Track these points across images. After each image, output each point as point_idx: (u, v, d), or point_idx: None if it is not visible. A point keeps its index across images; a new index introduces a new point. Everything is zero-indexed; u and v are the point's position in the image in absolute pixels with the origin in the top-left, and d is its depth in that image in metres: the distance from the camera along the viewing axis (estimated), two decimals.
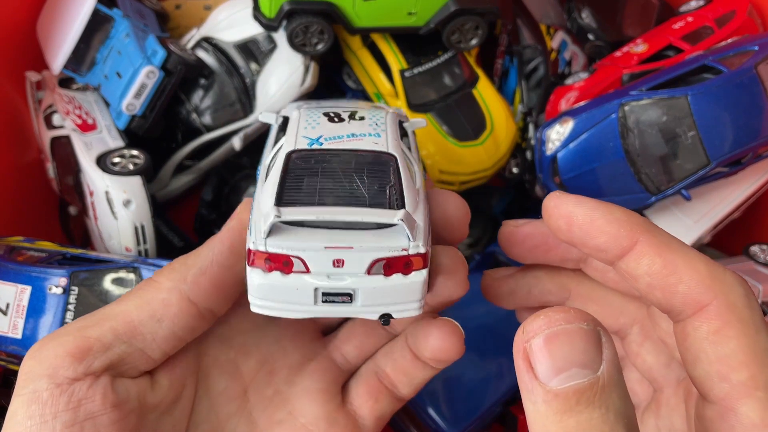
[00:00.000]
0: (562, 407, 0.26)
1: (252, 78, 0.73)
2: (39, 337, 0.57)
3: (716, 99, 0.62)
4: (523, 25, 0.82)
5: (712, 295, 0.31)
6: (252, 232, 0.33)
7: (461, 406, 0.70)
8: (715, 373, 0.30)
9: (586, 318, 0.27)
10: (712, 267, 0.32)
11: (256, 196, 0.36)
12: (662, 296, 0.32)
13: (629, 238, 0.33)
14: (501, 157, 0.76)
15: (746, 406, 0.29)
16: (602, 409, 0.26)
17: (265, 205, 0.33)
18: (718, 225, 0.71)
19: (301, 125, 0.39)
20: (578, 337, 0.27)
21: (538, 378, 0.27)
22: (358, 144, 0.37)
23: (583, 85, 0.76)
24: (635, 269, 0.33)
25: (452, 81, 0.76)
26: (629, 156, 0.66)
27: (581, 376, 0.26)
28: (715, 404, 0.30)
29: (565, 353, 0.26)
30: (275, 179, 0.35)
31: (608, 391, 0.26)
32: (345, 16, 0.69)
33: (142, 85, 0.68)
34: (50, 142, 0.72)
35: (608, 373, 0.27)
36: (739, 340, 0.30)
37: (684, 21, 0.78)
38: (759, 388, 0.29)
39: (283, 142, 0.38)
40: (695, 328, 0.31)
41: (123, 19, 0.70)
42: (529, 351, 0.27)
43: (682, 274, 0.32)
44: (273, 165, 0.37)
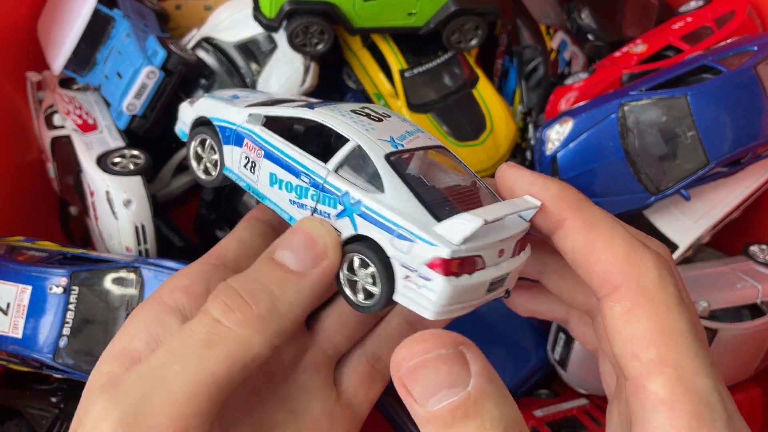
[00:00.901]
0: (441, 424, 0.28)
1: (252, 78, 0.73)
2: (39, 336, 0.57)
3: (716, 99, 0.62)
4: (523, 26, 0.82)
5: (623, 276, 0.33)
6: (423, 242, 0.32)
7: None
8: (628, 352, 0.32)
9: (445, 343, 0.29)
10: (631, 248, 0.33)
11: (379, 203, 0.34)
12: (584, 275, 0.34)
13: (559, 214, 0.35)
14: (501, 157, 0.76)
15: (655, 384, 0.31)
16: (477, 419, 0.28)
17: (425, 216, 0.33)
18: (717, 225, 0.71)
19: (356, 126, 0.37)
20: (440, 362, 0.29)
21: (417, 402, 0.29)
22: (423, 142, 0.39)
23: (583, 86, 0.76)
24: (562, 246, 0.35)
25: (452, 81, 0.77)
26: (629, 156, 0.66)
27: (452, 395, 0.28)
28: (629, 382, 0.32)
29: (431, 379, 0.29)
30: (399, 188, 0.34)
31: (481, 402, 0.28)
32: (345, 17, 0.69)
33: (142, 85, 0.68)
34: (51, 142, 0.73)
35: (478, 386, 0.28)
36: (648, 319, 0.32)
37: (683, 21, 0.78)
38: (667, 365, 0.31)
39: (352, 140, 0.36)
40: (609, 308, 0.33)
41: (123, 19, 0.70)
42: (403, 380, 0.29)
43: (600, 254, 0.33)
44: (365, 170, 0.36)
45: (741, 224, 0.75)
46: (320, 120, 0.38)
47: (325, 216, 0.37)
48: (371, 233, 0.34)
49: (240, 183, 0.42)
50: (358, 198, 0.35)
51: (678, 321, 0.32)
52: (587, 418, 0.68)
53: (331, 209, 0.36)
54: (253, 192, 0.41)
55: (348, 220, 0.36)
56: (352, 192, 0.35)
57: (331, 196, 0.36)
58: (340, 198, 0.36)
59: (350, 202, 0.35)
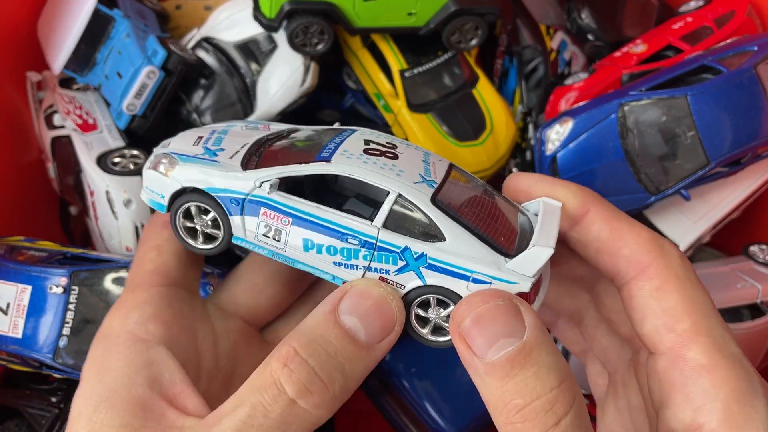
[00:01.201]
0: (499, 374, 0.30)
1: (252, 78, 0.73)
2: (39, 336, 0.57)
3: (716, 99, 0.62)
4: (523, 26, 0.82)
5: (652, 256, 0.35)
6: (503, 282, 0.33)
7: (461, 405, 0.70)
8: (662, 325, 0.34)
9: (500, 295, 0.32)
10: (653, 235, 0.36)
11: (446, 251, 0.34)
12: (609, 260, 0.37)
13: (582, 207, 0.37)
14: (501, 157, 0.76)
15: (693, 351, 0.33)
16: (534, 367, 0.30)
17: (493, 255, 0.34)
18: (717, 225, 0.71)
19: (385, 172, 0.36)
20: (497, 312, 0.31)
21: (476, 354, 0.31)
22: (441, 167, 0.39)
23: (583, 86, 0.76)
24: (586, 235, 0.37)
25: (452, 81, 0.77)
26: (629, 156, 0.66)
27: (509, 344, 0.31)
28: (665, 354, 0.34)
29: (490, 329, 0.31)
30: (458, 232, 0.34)
31: (536, 351, 0.31)
32: (345, 17, 0.69)
33: (142, 85, 0.68)
34: (51, 142, 0.73)
35: (532, 336, 0.31)
36: (679, 293, 0.34)
37: (683, 21, 0.78)
38: (702, 333, 0.33)
39: (391, 191, 0.35)
40: (639, 288, 0.35)
41: (123, 19, 0.70)
42: (463, 333, 0.31)
43: (627, 239, 0.36)
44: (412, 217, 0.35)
45: (741, 224, 0.75)
46: (348, 174, 0.36)
47: (384, 273, 0.36)
48: (443, 282, 0.34)
49: (259, 251, 0.39)
50: (421, 251, 0.34)
51: (704, 295, 0.35)
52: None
53: (390, 266, 0.35)
54: (280, 258, 0.38)
55: (413, 273, 0.35)
56: (413, 246, 0.35)
57: (388, 254, 0.35)
58: (399, 254, 0.35)
59: (413, 257, 0.35)
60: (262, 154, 0.39)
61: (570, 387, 0.31)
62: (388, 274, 0.36)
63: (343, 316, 0.35)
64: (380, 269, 0.36)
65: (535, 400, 0.30)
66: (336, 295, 0.36)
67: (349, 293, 0.36)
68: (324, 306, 0.35)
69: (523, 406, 0.30)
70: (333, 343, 0.34)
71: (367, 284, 0.36)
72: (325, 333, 0.34)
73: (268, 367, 0.34)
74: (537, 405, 0.30)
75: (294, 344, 0.34)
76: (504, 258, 0.34)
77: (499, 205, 0.38)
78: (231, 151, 0.40)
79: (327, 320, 0.35)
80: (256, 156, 0.39)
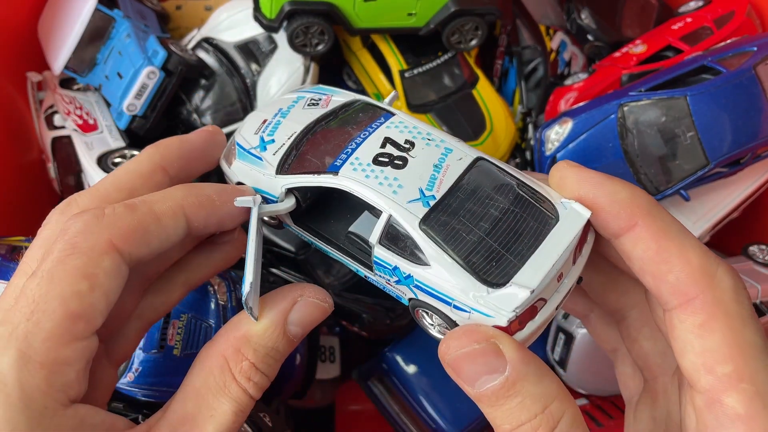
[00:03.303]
0: (487, 403, 0.33)
1: (252, 78, 0.73)
2: None
3: (715, 99, 0.62)
4: (523, 26, 0.82)
5: (699, 288, 0.32)
6: (479, 314, 0.33)
7: (461, 406, 0.70)
8: (701, 364, 0.32)
9: (475, 338, 0.33)
10: (705, 259, 0.33)
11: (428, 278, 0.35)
12: (652, 282, 0.34)
13: (628, 219, 0.34)
14: (500, 157, 0.76)
15: (731, 398, 0.31)
16: (518, 398, 0.32)
17: (474, 285, 0.34)
18: (717, 225, 0.71)
19: (381, 189, 0.36)
20: (475, 355, 0.32)
21: (466, 383, 0.33)
22: (455, 169, 0.37)
23: (583, 86, 0.76)
24: (631, 251, 0.34)
25: (452, 81, 0.77)
26: (628, 156, 0.66)
27: (492, 380, 0.32)
28: (703, 394, 0.32)
29: (471, 369, 0.33)
30: (442, 259, 0.34)
31: (519, 383, 0.32)
32: (345, 17, 0.69)
33: (142, 85, 0.68)
34: (51, 143, 0.73)
35: (514, 370, 0.32)
36: (723, 333, 0.31)
37: (683, 22, 0.78)
38: (743, 380, 0.31)
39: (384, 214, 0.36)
40: (681, 320, 0.33)
41: (124, 19, 0.70)
42: (451, 366, 0.33)
43: (674, 264, 0.33)
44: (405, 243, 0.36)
45: (741, 224, 0.75)
46: (346, 188, 0.37)
47: (386, 281, 0.38)
48: (430, 302, 0.36)
49: (303, 237, 0.42)
50: (408, 273, 0.36)
51: (753, 334, 0.32)
52: (587, 417, 0.68)
53: (389, 277, 0.38)
54: (318, 248, 0.42)
55: (406, 287, 0.37)
56: (402, 267, 0.36)
57: (384, 268, 0.37)
58: (391, 271, 0.37)
59: (402, 276, 0.36)
60: (300, 151, 0.41)
61: (556, 409, 0.32)
62: (389, 282, 0.38)
63: (291, 326, 0.38)
64: (382, 277, 0.38)
65: (520, 425, 0.32)
66: (287, 306, 0.38)
67: (300, 306, 0.38)
68: (276, 315, 0.37)
69: (510, 430, 0.32)
70: (281, 351, 0.38)
71: (315, 296, 0.39)
72: (276, 344, 0.37)
73: (234, 381, 0.36)
74: (522, 430, 0.32)
75: (252, 359, 0.36)
76: (487, 288, 0.34)
77: (519, 212, 0.36)
78: (279, 142, 0.42)
79: (278, 333, 0.37)
80: (296, 151, 0.41)
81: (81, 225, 0.34)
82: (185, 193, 0.37)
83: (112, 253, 0.34)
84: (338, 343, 0.84)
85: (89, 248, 0.33)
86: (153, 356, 0.57)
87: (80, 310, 0.32)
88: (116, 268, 0.34)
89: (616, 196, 0.35)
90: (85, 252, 0.33)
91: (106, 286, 0.33)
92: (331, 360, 0.83)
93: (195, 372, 0.37)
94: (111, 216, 0.35)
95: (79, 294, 0.32)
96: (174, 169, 0.41)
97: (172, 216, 0.36)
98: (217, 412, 0.36)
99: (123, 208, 0.35)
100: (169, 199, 0.37)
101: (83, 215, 0.34)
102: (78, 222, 0.34)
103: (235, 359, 0.36)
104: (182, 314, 0.59)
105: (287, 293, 0.38)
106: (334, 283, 0.70)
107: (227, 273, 0.66)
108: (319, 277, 0.69)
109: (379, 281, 0.39)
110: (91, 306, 0.33)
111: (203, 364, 0.37)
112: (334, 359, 0.83)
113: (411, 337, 0.74)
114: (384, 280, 0.38)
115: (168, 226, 0.36)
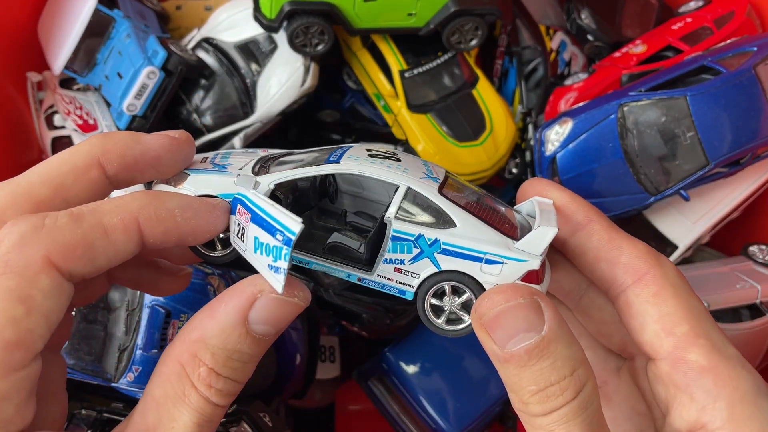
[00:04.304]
0: (517, 364, 0.33)
1: (252, 78, 0.73)
2: None
3: (715, 100, 0.62)
4: (523, 26, 0.82)
5: (649, 264, 0.37)
6: (514, 261, 0.35)
7: (461, 405, 0.70)
8: (661, 329, 0.36)
9: (522, 293, 0.34)
10: (649, 247, 0.38)
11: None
12: (606, 267, 0.38)
13: (586, 216, 0.39)
14: (500, 157, 0.76)
15: (693, 353, 0.35)
16: (550, 359, 0.32)
17: (502, 238, 0.36)
18: (717, 225, 0.71)
19: (393, 170, 0.37)
20: (518, 309, 0.33)
21: (497, 344, 0.33)
22: (440, 171, 0.40)
23: (583, 86, 0.77)
24: (586, 243, 0.39)
25: (452, 81, 0.77)
26: (628, 156, 0.66)
27: (528, 338, 0.32)
28: (666, 359, 0.35)
29: (511, 324, 0.33)
30: (468, 218, 0.36)
31: (554, 344, 0.33)
32: (345, 17, 0.69)
33: (142, 85, 0.68)
34: (51, 143, 0.73)
35: (551, 330, 0.33)
36: (676, 299, 0.36)
37: (683, 22, 0.78)
38: (700, 336, 0.35)
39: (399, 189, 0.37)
40: (637, 294, 0.37)
41: (124, 19, 0.70)
42: (485, 325, 0.34)
43: (625, 248, 0.38)
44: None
45: (741, 224, 0.75)
46: (358, 172, 0.37)
47: (398, 263, 0.37)
48: (457, 266, 0.36)
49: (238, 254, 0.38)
50: (434, 237, 0.36)
51: (698, 302, 0.37)
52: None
53: (405, 255, 0.37)
54: (294, 260, 0.38)
55: (428, 260, 0.37)
56: (426, 233, 0.36)
57: (402, 243, 0.36)
58: (414, 241, 0.36)
59: (427, 243, 0.36)
60: (270, 167, 0.40)
61: (582, 374, 0.33)
62: (403, 264, 0.37)
63: (254, 326, 0.34)
64: (395, 259, 0.37)
65: (548, 386, 0.32)
66: (243, 303, 0.33)
67: (262, 303, 0.34)
68: (232, 315, 0.33)
69: (536, 391, 0.33)
70: (246, 352, 0.34)
71: (278, 292, 0.34)
72: (238, 346, 0.33)
73: (194, 389, 0.33)
74: (549, 391, 0.32)
75: (210, 364, 0.33)
76: (512, 240, 0.36)
77: (496, 205, 0.40)
78: (239, 165, 0.40)
79: (239, 333, 0.33)
80: (265, 167, 0.40)
81: (15, 238, 0.30)
82: (143, 203, 0.34)
83: (50, 270, 0.30)
84: (338, 343, 0.84)
85: (24, 267, 0.30)
86: (153, 356, 0.57)
87: (17, 338, 0.29)
88: (56, 288, 0.30)
89: (574, 198, 0.40)
90: (18, 271, 0.29)
91: (45, 308, 0.30)
92: (331, 360, 0.83)
93: (154, 380, 0.34)
94: (51, 228, 0.31)
95: (14, 320, 0.29)
96: (114, 168, 0.36)
97: (123, 230, 0.33)
98: (178, 424, 0.33)
99: (67, 219, 0.31)
100: (122, 210, 0.33)
101: (19, 225, 0.30)
102: (12, 234, 0.30)
103: (191, 365, 0.33)
104: (182, 314, 0.59)
105: (244, 287, 0.34)
106: (334, 282, 0.70)
107: (227, 272, 0.66)
108: (319, 276, 0.69)
109: (381, 275, 0.37)
110: (29, 332, 0.29)
111: (161, 371, 0.34)
112: (334, 359, 0.83)
113: (411, 337, 0.75)
114: (393, 266, 0.37)
115: (117, 242, 0.33)
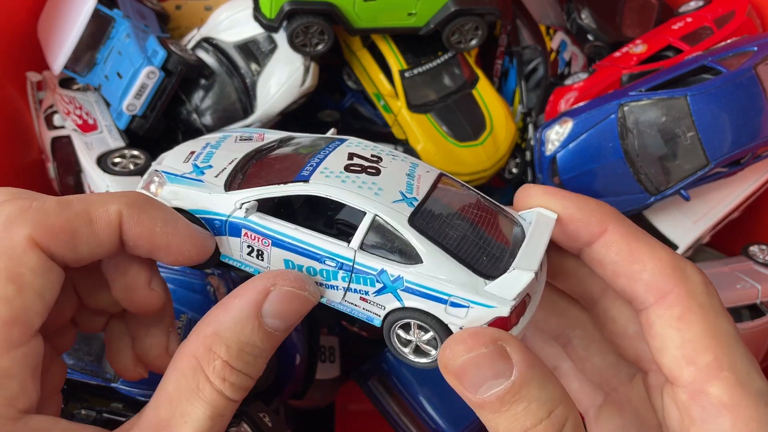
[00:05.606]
0: (490, 410, 0.31)
1: (252, 78, 0.73)
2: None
3: (715, 99, 0.62)
4: (523, 26, 0.82)
5: (673, 282, 0.33)
6: (481, 306, 0.33)
7: (461, 406, 0.69)
8: (682, 357, 0.33)
9: (484, 342, 0.32)
10: (674, 257, 0.34)
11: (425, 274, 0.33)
12: (626, 283, 0.35)
13: (599, 225, 0.35)
14: (501, 157, 0.76)
15: (715, 387, 0.32)
16: (524, 403, 0.31)
17: (471, 278, 0.33)
18: (717, 225, 0.71)
19: (362, 192, 0.35)
20: (482, 359, 0.31)
21: (468, 391, 0.32)
22: (427, 179, 0.37)
23: (583, 86, 0.76)
24: (603, 256, 0.35)
25: (452, 81, 0.77)
26: (628, 156, 0.66)
27: (497, 385, 0.31)
28: (685, 387, 0.33)
29: (477, 373, 0.31)
30: (436, 254, 0.33)
31: (525, 388, 0.31)
32: (345, 17, 0.69)
33: (142, 85, 0.68)
34: (51, 143, 0.73)
35: (520, 375, 0.31)
36: (701, 324, 0.33)
37: (683, 21, 0.78)
38: (724, 368, 0.32)
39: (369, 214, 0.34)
40: (659, 316, 0.34)
41: (123, 19, 0.70)
42: (454, 374, 0.32)
43: (646, 262, 0.34)
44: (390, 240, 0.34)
45: (741, 224, 0.75)
46: (324, 195, 0.35)
47: (363, 294, 0.35)
48: (421, 305, 0.34)
49: (246, 269, 0.39)
50: (397, 274, 0.34)
51: (727, 325, 0.33)
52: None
53: (369, 287, 0.35)
54: None
55: (391, 295, 0.35)
56: (390, 269, 0.34)
57: (365, 276, 0.35)
58: (376, 276, 0.34)
59: (390, 280, 0.34)
60: (247, 172, 0.39)
61: (560, 414, 0.31)
62: (367, 295, 0.36)
63: (267, 319, 0.34)
64: (360, 290, 0.36)
65: (525, 431, 0.31)
66: (257, 297, 0.34)
67: (275, 296, 0.34)
68: (246, 309, 0.34)
69: None
70: (258, 345, 0.34)
71: (291, 284, 0.35)
72: (251, 339, 0.34)
73: (208, 382, 0.34)
74: None
75: (224, 357, 0.34)
76: (484, 280, 0.33)
77: (490, 218, 0.37)
78: (218, 168, 0.40)
79: (252, 326, 0.34)
80: (242, 173, 0.39)
81: (1, 220, 0.32)
82: (131, 202, 0.35)
83: (35, 249, 0.32)
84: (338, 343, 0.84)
85: (9, 246, 0.31)
86: None
87: (12, 315, 0.30)
88: (44, 266, 0.32)
89: (585, 205, 0.36)
90: (4, 251, 0.31)
91: (37, 286, 0.32)
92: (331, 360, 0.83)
93: (168, 375, 0.35)
94: (37, 209, 0.32)
95: (6, 298, 0.30)
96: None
97: (107, 223, 0.34)
98: (191, 418, 0.33)
99: (54, 203, 0.33)
100: (110, 203, 0.34)
101: (6, 207, 0.32)
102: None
103: (207, 359, 0.34)
104: (182, 314, 0.59)
105: (258, 282, 0.35)
106: None
107: (227, 273, 0.66)
108: None
109: (349, 301, 0.36)
110: (24, 309, 0.31)
111: (176, 366, 0.35)
112: (334, 359, 0.83)
113: None
114: (359, 295, 0.36)
115: (100, 234, 0.34)
